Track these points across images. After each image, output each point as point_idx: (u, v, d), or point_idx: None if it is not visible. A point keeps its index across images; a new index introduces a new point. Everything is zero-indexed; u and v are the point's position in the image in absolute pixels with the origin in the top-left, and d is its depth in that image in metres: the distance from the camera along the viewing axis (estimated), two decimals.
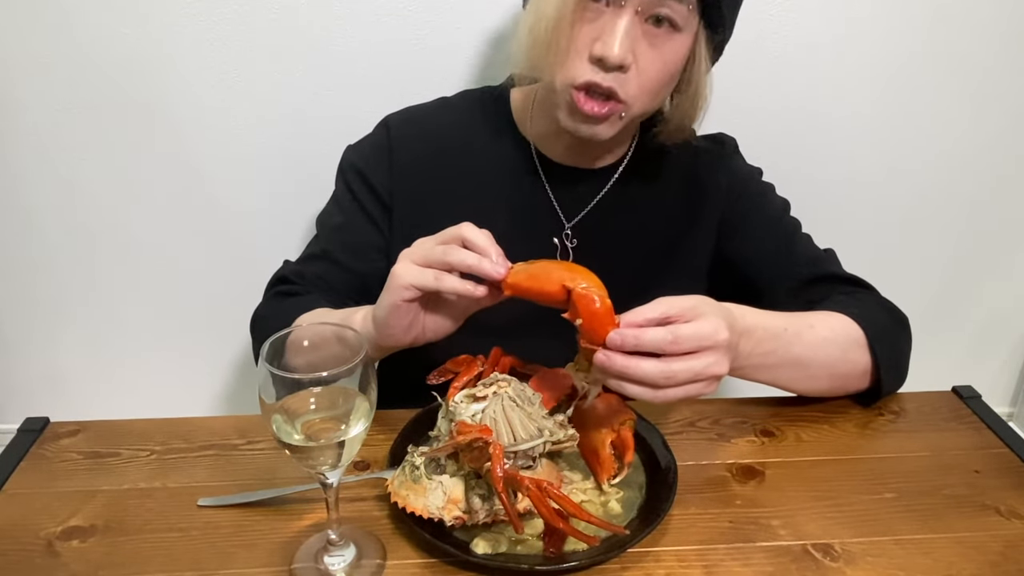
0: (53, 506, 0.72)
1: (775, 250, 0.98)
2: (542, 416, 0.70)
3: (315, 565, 0.66)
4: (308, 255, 0.98)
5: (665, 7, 0.79)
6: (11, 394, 1.49)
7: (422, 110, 1.01)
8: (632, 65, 0.80)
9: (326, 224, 1.00)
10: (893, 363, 0.87)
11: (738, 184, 1.00)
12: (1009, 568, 0.68)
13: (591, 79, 0.80)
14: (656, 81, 0.83)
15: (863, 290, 0.95)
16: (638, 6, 0.78)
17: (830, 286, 0.95)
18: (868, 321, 0.86)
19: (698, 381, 0.67)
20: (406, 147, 0.97)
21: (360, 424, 0.60)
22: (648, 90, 0.83)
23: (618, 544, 0.66)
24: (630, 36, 0.79)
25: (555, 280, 0.67)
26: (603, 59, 0.79)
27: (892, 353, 0.87)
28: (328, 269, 0.95)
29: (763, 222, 0.99)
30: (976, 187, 1.43)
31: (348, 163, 0.99)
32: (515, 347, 0.79)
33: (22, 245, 1.33)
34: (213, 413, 1.51)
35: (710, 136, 1.03)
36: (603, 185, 0.97)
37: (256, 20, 1.18)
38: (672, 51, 0.82)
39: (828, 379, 0.86)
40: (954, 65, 1.31)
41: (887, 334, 0.87)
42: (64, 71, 1.19)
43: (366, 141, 1.00)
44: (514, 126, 0.98)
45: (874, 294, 0.95)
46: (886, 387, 0.87)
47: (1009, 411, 1.75)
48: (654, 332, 0.65)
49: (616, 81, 0.80)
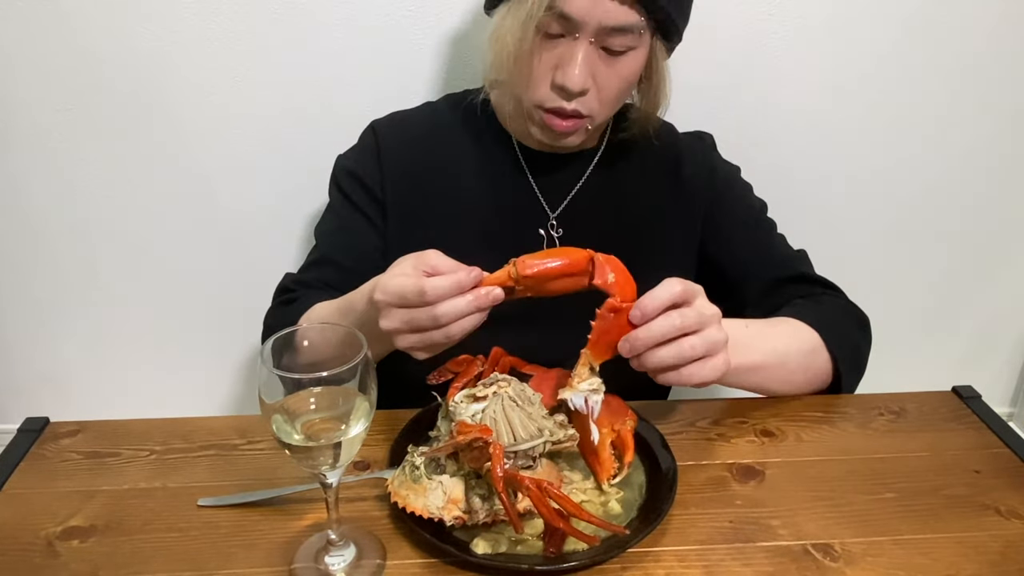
0: (53, 506, 0.72)
1: (750, 250, 1.00)
2: (542, 416, 0.70)
3: (315, 565, 0.66)
4: (308, 263, 0.99)
5: (615, 39, 0.83)
6: (11, 394, 1.49)
7: (407, 114, 1.04)
8: (592, 87, 0.85)
9: (324, 231, 1.01)
10: (852, 364, 0.91)
11: (718, 181, 1.02)
12: (1009, 568, 0.68)
13: (556, 105, 0.86)
14: (616, 94, 0.88)
15: (829, 292, 0.98)
16: (591, 37, 0.83)
17: (798, 287, 0.98)
18: (825, 326, 0.89)
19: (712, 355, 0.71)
20: (394, 149, 0.99)
21: (360, 424, 0.60)
22: (609, 102, 0.89)
23: (618, 544, 0.66)
24: (587, 63, 0.84)
25: (573, 252, 0.70)
26: (564, 88, 0.84)
27: (850, 354, 0.90)
28: (329, 273, 0.96)
29: (741, 222, 1.02)
30: (976, 187, 1.43)
31: (340, 169, 1.01)
32: (515, 346, 0.79)
33: (22, 245, 1.33)
34: (213, 413, 1.51)
35: (690, 132, 1.06)
36: (583, 170, 0.99)
37: (256, 20, 1.18)
38: (627, 68, 0.87)
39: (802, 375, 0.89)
40: (955, 64, 1.31)
41: (844, 337, 0.91)
42: (64, 71, 1.19)
43: (355, 147, 1.02)
44: (495, 121, 1.00)
45: (839, 297, 0.98)
46: (846, 386, 0.90)
47: (1009, 411, 1.75)
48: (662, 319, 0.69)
49: (579, 103, 0.86)
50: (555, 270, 0.70)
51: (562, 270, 0.70)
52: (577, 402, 0.70)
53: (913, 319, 1.54)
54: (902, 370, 1.27)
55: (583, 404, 0.70)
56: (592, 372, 0.71)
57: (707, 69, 1.22)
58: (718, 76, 1.26)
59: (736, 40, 1.24)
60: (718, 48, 1.23)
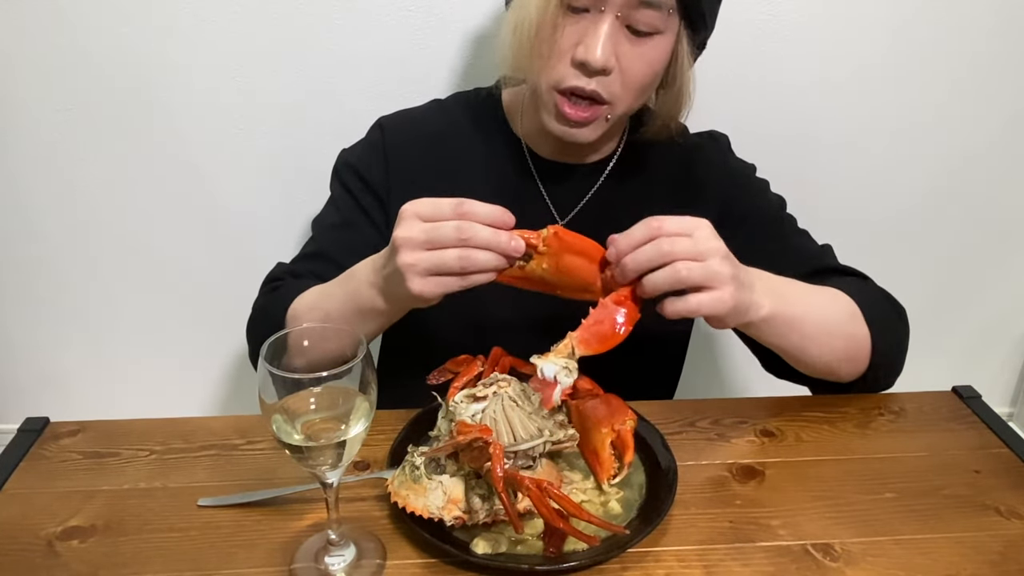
0: (53, 506, 0.72)
1: (775, 248, 0.97)
2: (542, 416, 0.70)
3: (315, 565, 0.66)
4: (302, 255, 0.98)
5: (642, 14, 0.80)
6: (11, 394, 1.49)
7: (415, 112, 1.02)
8: (615, 67, 0.82)
9: (322, 225, 0.99)
10: (889, 344, 0.88)
11: (734, 182, 1.00)
12: (1009, 568, 0.68)
13: (574, 84, 0.82)
14: (639, 81, 0.84)
15: (861, 280, 0.95)
16: (618, 11, 0.80)
17: (828, 280, 0.94)
18: (866, 303, 0.87)
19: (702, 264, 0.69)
20: (400, 148, 0.97)
21: (360, 424, 0.60)
22: (631, 89, 0.84)
23: (618, 544, 0.66)
24: (611, 40, 0.80)
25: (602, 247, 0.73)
26: (585, 63, 0.80)
27: (888, 336, 0.88)
28: (322, 267, 0.94)
29: (761, 219, 0.99)
30: (976, 186, 1.43)
31: (343, 163, 0.99)
32: (515, 345, 0.79)
33: (22, 245, 1.33)
34: (213, 413, 1.51)
35: (703, 133, 1.04)
36: (594, 181, 0.98)
37: (257, 20, 1.18)
38: (653, 52, 0.83)
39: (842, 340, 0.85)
40: (955, 64, 1.31)
41: (884, 318, 0.88)
42: (64, 71, 1.19)
43: (361, 142, 1.01)
44: (506, 125, 0.98)
45: (872, 283, 0.96)
46: (883, 367, 0.88)
47: (1009, 411, 1.75)
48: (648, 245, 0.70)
49: (599, 84, 0.82)
50: (580, 245, 0.72)
51: (585, 248, 0.72)
52: (547, 372, 0.68)
53: (913, 319, 1.53)
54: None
55: (552, 376, 0.68)
56: (571, 355, 0.70)
57: (707, 67, 1.21)
58: (717, 75, 1.26)
59: (736, 39, 1.24)
60: (718, 47, 1.22)
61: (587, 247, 0.73)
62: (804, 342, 0.83)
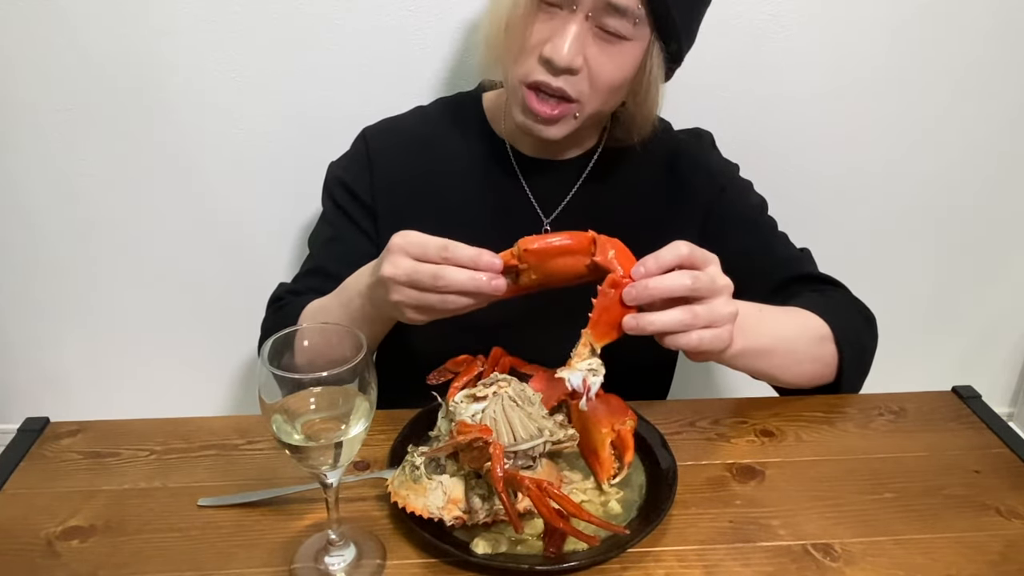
0: (53, 506, 0.72)
1: (753, 250, 0.98)
2: (542, 416, 0.70)
3: (315, 565, 0.66)
4: (302, 273, 0.99)
5: (611, 19, 0.80)
6: (11, 394, 1.49)
7: (398, 119, 1.03)
8: (582, 67, 0.82)
9: (317, 241, 1.01)
10: (856, 358, 0.89)
11: (719, 181, 1.01)
12: (1009, 568, 0.68)
13: (540, 79, 0.83)
14: (607, 82, 0.85)
15: (834, 288, 0.96)
16: (588, 11, 0.80)
17: (803, 286, 0.96)
18: (834, 317, 0.88)
19: (716, 326, 0.69)
20: (385, 157, 0.98)
21: (360, 424, 0.60)
22: (600, 90, 0.85)
23: (618, 544, 0.66)
24: (579, 40, 0.81)
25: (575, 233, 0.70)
26: (551, 61, 0.81)
27: (856, 349, 0.89)
28: (321, 282, 0.95)
29: (742, 222, 1.00)
30: (976, 187, 1.43)
31: (332, 178, 1.01)
32: (515, 345, 0.79)
33: (22, 245, 1.33)
34: (213, 413, 1.51)
35: (688, 130, 1.04)
36: (577, 177, 0.98)
37: (257, 20, 1.18)
38: (622, 57, 0.83)
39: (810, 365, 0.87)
40: (956, 63, 1.31)
41: (855, 337, 0.89)
42: (64, 71, 1.19)
43: (346, 155, 1.02)
44: (488, 126, 0.99)
45: (844, 292, 0.97)
46: (847, 381, 0.89)
47: (1009, 411, 1.75)
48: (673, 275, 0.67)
49: (566, 83, 0.83)
50: (556, 247, 0.69)
51: (563, 247, 0.70)
52: (575, 381, 0.67)
53: (913, 319, 1.54)
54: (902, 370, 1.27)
55: (580, 384, 0.67)
56: (592, 353, 0.69)
57: (703, 67, 1.21)
58: (717, 74, 1.26)
59: (735, 39, 1.24)
60: (717, 46, 1.23)
61: (562, 247, 0.70)
62: (772, 370, 0.85)
